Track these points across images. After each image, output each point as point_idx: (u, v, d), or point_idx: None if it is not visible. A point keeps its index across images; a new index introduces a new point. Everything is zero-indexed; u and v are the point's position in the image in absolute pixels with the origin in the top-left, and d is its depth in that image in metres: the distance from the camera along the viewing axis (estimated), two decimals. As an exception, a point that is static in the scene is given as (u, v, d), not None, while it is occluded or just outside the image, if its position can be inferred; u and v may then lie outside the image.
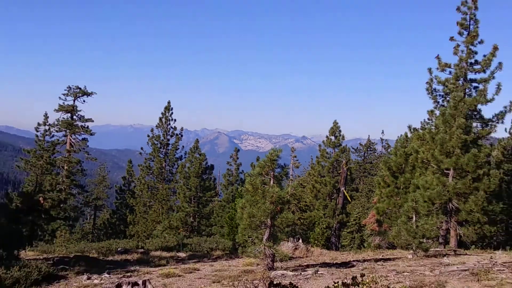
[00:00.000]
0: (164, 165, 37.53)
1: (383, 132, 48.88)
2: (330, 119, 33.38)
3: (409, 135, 26.83)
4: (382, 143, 47.30)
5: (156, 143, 37.56)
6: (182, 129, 38.79)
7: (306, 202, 32.38)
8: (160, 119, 37.76)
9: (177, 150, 37.82)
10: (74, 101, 33.49)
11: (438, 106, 23.71)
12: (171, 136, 37.91)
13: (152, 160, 37.54)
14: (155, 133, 37.77)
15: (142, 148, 38.63)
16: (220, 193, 36.73)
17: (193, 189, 33.19)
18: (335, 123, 33.02)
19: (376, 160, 45.37)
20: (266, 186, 12.82)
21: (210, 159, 35.80)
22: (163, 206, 34.24)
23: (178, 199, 33.92)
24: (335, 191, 31.75)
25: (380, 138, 47.61)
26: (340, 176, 31.53)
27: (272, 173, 13.00)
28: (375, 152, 48.10)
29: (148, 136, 38.00)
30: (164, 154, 37.73)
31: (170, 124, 37.75)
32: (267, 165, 12.96)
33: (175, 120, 38.10)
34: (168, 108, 37.80)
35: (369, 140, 47.91)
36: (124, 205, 37.99)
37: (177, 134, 38.00)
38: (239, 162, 37.06)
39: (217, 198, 35.39)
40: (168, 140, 37.81)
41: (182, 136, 38.45)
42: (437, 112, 23.48)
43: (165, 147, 37.77)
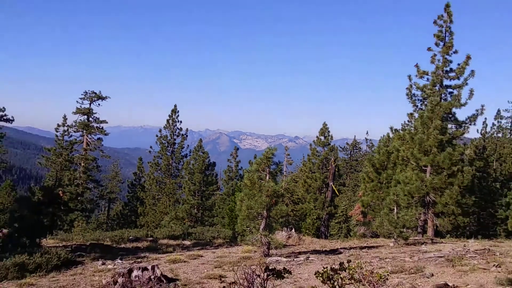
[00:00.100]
0: (171, 162, 37.46)
1: (367, 133, 49.12)
2: (320, 121, 33.37)
3: (391, 135, 26.87)
4: (367, 143, 47.26)
5: (163, 142, 37.51)
6: (187, 130, 38.66)
7: (298, 196, 32.37)
8: (168, 120, 37.70)
9: (182, 148, 37.77)
10: (90, 104, 33.35)
11: (417, 109, 23.76)
12: (177, 136, 37.84)
13: (160, 158, 37.47)
14: (162, 133, 37.72)
15: (151, 147, 38.57)
16: (221, 187, 36.63)
17: (197, 183, 33.16)
18: (324, 124, 33.02)
19: (361, 158, 45.35)
20: (262, 181, 12.82)
21: (212, 157, 35.68)
22: (170, 199, 34.22)
23: (184, 192, 33.86)
24: (324, 186, 31.72)
25: (365, 138, 47.62)
26: (329, 172, 31.49)
27: (268, 169, 13.00)
28: (360, 151, 48.07)
29: (156, 136, 37.95)
30: (171, 152, 37.67)
31: (176, 125, 37.69)
32: (263, 162, 12.96)
33: (181, 121, 38.08)
34: (174, 111, 37.74)
35: (355, 140, 47.88)
36: (135, 198, 37.90)
37: (182, 134, 37.92)
38: (238, 160, 36.97)
39: (218, 192, 35.30)
40: (175, 139, 37.74)
41: (187, 136, 38.35)
42: (416, 115, 23.53)
43: (171, 146, 37.70)
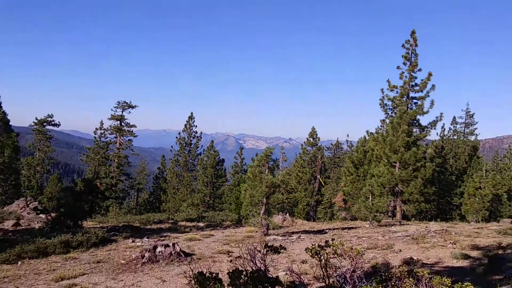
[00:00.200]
0: (188, 159, 37.42)
1: (348, 135, 51.15)
2: (309, 126, 33.45)
3: (367, 137, 26.87)
4: (347, 143, 47.25)
5: (182, 143, 37.45)
6: (201, 132, 38.60)
7: (291, 186, 32.36)
8: (185, 125, 37.64)
9: (197, 148, 37.69)
10: (122, 112, 33.32)
11: (388, 116, 23.76)
12: (193, 138, 37.75)
13: (179, 156, 37.43)
14: (181, 135, 37.64)
15: (172, 147, 38.50)
16: (229, 179, 36.60)
17: (209, 176, 33.19)
18: (313, 128, 33.01)
19: (342, 156, 45.30)
20: (262, 175, 12.84)
21: (222, 155, 35.62)
22: (187, 189, 34.22)
23: (198, 183, 33.87)
24: (313, 178, 31.72)
25: (346, 139, 47.73)
26: (316, 167, 31.51)
27: (267, 165, 13.03)
28: (342, 150, 47.98)
29: (176, 138, 37.88)
30: (188, 151, 37.60)
31: (192, 129, 37.61)
32: (263, 159, 12.99)
33: (196, 126, 37.94)
34: (191, 117, 37.69)
35: (338, 141, 47.85)
36: (159, 188, 37.90)
37: (197, 136, 37.86)
38: (243, 157, 36.92)
39: (227, 183, 35.28)
40: (191, 141, 37.66)
41: (201, 138, 38.28)
42: (387, 121, 23.54)
43: (188, 146, 37.63)
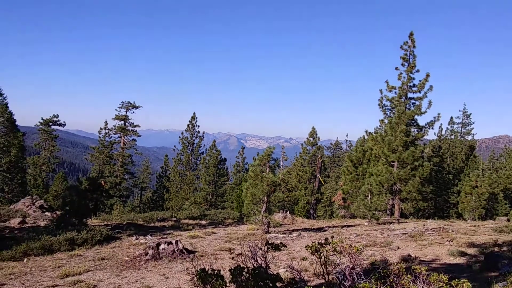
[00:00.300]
0: (190, 158, 37.43)
1: (347, 135, 52.52)
2: (310, 126, 33.44)
3: (366, 137, 26.85)
4: (346, 143, 47.28)
5: (185, 142, 37.46)
6: (204, 132, 38.60)
7: (292, 185, 32.38)
8: (188, 125, 37.63)
9: (200, 147, 37.70)
10: (126, 112, 33.32)
11: (387, 116, 23.73)
12: (196, 137, 37.74)
13: (182, 155, 37.43)
14: (184, 135, 37.65)
15: (175, 146, 38.57)
16: (231, 178, 36.64)
17: (211, 175, 33.19)
18: (313, 128, 33.01)
19: (342, 155, 45.26)
20: (263, 174, 12.84)
21: (224, 154, 35.68)
22: (190, 187, 34.25)
23: (201, 182, 33.88)
24: (313, 177, 31.72)
25: (345, 139, 47.85)
26: (316, 166, 31.50)
27: (268, 164, 13.02)
28: (341, 149, 47.97)
29: (179, 137, 37.87)
30: (190, 150, 37.60)
31: (195, 128, 37.61)
32: (264, 158, 12.99)
33: (199, 126, 37.92)
34: (193, 117, 37.68)
35: (337, 141, 47.82)
36: (162, 186, 37.92)
37: (200, 136, 37.85)
38: (245, 156, 36.91)
39: (228, 182, 35.30)
40: (194, 140, 37.65)
41: (203, 137, 38.28)
42: (386, 121, 23.51)
43: (191, 145, 37.63)
